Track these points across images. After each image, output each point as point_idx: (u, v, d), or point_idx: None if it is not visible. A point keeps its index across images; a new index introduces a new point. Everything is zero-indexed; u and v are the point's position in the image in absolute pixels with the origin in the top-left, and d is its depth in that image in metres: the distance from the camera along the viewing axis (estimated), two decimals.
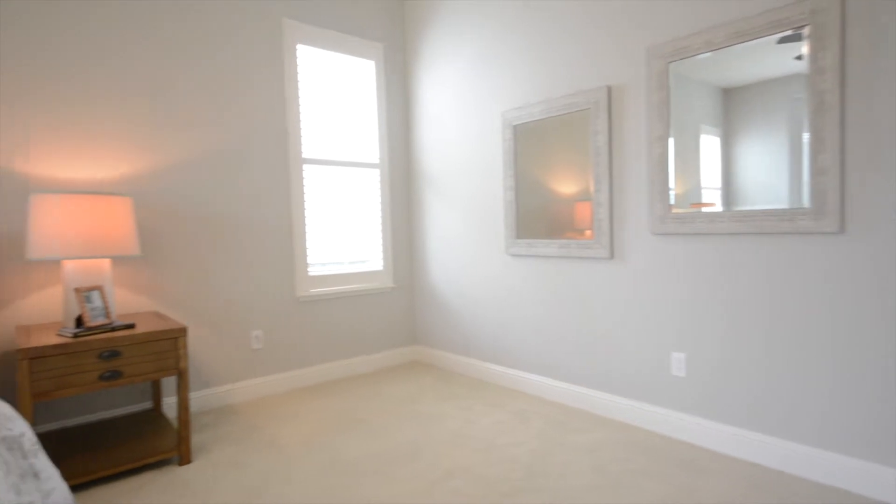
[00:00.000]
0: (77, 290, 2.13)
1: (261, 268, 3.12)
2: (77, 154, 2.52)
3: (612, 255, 2.59)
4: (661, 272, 2.40)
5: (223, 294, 2.98)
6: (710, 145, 2.21)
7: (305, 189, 3.32)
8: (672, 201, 2.33)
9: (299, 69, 3.28)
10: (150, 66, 2.71)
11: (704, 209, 2.23)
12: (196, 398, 2.87)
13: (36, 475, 1.27)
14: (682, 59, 2.25)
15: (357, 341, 3.57)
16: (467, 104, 3.34)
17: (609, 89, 2.55)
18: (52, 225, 2.12)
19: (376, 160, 3.69)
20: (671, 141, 2.32)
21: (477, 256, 3.35)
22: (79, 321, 2.13)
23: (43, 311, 2.44)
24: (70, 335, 2.04)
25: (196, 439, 2.48)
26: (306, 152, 3.33)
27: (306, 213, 3.33)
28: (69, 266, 2.22)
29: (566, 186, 2.77)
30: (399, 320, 3.81)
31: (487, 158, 3.23)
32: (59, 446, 2.26)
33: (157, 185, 2.75)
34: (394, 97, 3.77)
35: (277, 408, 2.91)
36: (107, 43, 2.58)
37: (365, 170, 3.63)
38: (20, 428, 1.33)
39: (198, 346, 2.90)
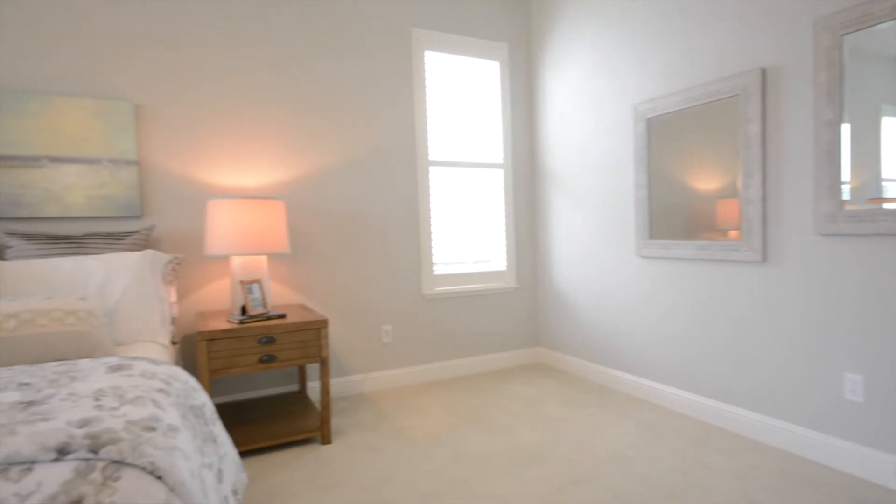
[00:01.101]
0: (242, 283, 2.45)
1: (391, 266, 3.31)
2: (241, 164, 2.88)
3: (764, 259, 2.31)
4: (830, 279, 2.08)
5: (358, 289, 3.21)
6: (893, 130, 1.87)
7: (431, 190, 3.45)
8: (845, 196, 2.01)
9: (426, 75, 3.42)
10: (294, 83, 3.01)
11: (886, 205, 1.89)
12: (334, 384, 3.13)
13: (214, 440, 1.48)
14: (858, 30, 1.93)
15: (480, 340, 3.62)
16: (595, 99, 3.21)
17: (763, 72, 2.27)
18: (222, 225, 2.46)
19: (500, 160, 3.71)
20: (845, 126, 2.00)
21: (604, 258, 3.20)
22: (243, 310, 2.44)
23: (216, 299, 2.84)
24: (237, 321, 2.35)
25: (334, 422, 2.71)
26: (433, 155, 3.46)
27: (432, 213, 3.46)
28: (236, 261, 2.55)
29: (706, 182, 2.53)
30: (521, 321, 3.79)
31: (616, 155, 3.07)
32: (226, 417, 2.61)
33: (304, 189, 3.05)
34: (518, 96, 3.76)
35: (406, 400, 3.06)
36: (261, 71, 2.93)
37: (489, 170, 3.66)
38: (203, 398, 1.56)
39: (336, 337, 3.16)
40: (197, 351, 2.42)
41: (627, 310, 3.05)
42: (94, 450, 1.02)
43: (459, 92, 3.56)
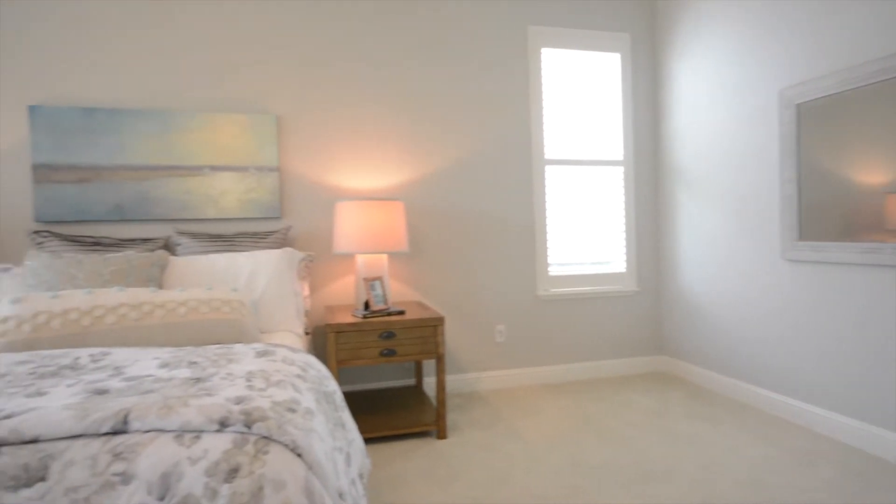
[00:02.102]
0: (365, 280, 2.60)
1: (505, 265, 3.30)
2: (365, 167, 3.07)
3: None
4: None
5: (473, 288, 3.25)
6: None
7: (547, 189, 3.38)
8: None
9: (542, 72, 3.36)
10: (412, 88, 3.13)
11: None
12: (449, 381, 3.21)
13: (343, 425, 1.59)
14: None
15: (597, 345, 3.47)
16: (731, 87, 2.91)
17: None
18: (348, 226, 2.64)
19: (620, 157, 3.52)
20: None
21: (741, 261, 2.90)
22: (366, 305, 2.59)
23: (342, 294, 3.05)
24: (361, 316, 2.50)
25: (449, 418, 2.77)
26: (548, 153, 3.39)
27: (547, 212, 3.39)
28: (360, 259, 2.72)
29: (871, 175, 2.17)
30: (643, 326, 3.56)
31: (757, 147, 2.76)
32: (349, 405, 2.79)
33: (421, 189, 3.16)
34: (640, 89, 3.54)
35: (520, 401, 3.03)
36: (382, 79, 3.09)
37: (607, 168, 3.50)
38: (333, 386, 1.69)
39: (451, 335, 3.23)
40: (326, 342, 2.63)
41: (770, 319, 2.72)
42: (248, 425, 1.14)
43: (576, 88, 3.45)
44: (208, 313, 1.99)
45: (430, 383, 3.17)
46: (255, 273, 2.45)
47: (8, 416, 1.07)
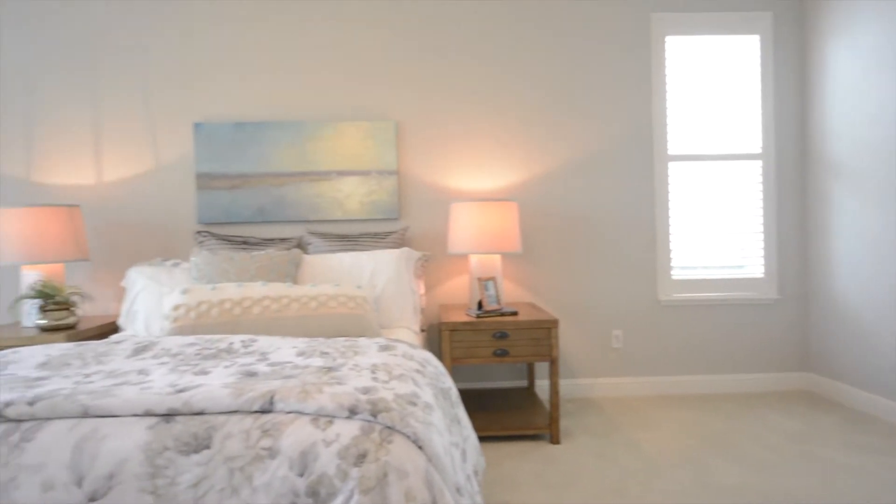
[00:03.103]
0: (479, 280, 2.64)
1: (622, 267, 3.15)
2: (479, 169, 3.11)
3: None
4: None
5: (588, 291, 3.14)
6: None
7: (671, 188, 3.16)
8: None
9: (666, 62, 3.14)
10: (525, 88, 3.10)
11: None
12: (562, 385, 3.13)
13: (458, 422, 1.63)
14: None
15: (728, 357, 3.17)
16: None
17: None
18: (463, 226, 2.69)
19: (757, 149, 3.17)
20: None
21: None
22: (479, 305, 2.63)
23: (456, 294, 3.12)
24: (474, 315, 2.54)
25: (562, 423, 2.70)
26: (672, 148, 3.16)
27: (671, 212, 3.16)
28: (474, 259, 2.76)
29: None
30: (784, 339, 3.18)
31: None
32: (462, 403, 2.85)
33: (535, 190, 3.12)
34: (783, 72, 3.16)
35: (638, 411, 2.87)
36: (494, 79, 3.09)
37: (741, 162, 3.17)
38: (449, 383, 1.74)
39: (565, 338, 3.15)
40: (440, 339, 2.71)
41: None
42: (374, 414, 1.22)
43: (704, 76, 3.17)
44: (336, 308, 2.16)
45: (542, 386, 3.12)
46: (376, 271, 2.60)
47: (182, 390, 1.25)
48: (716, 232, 3.18)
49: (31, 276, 2.47)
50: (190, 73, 2.99)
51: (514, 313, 2.58)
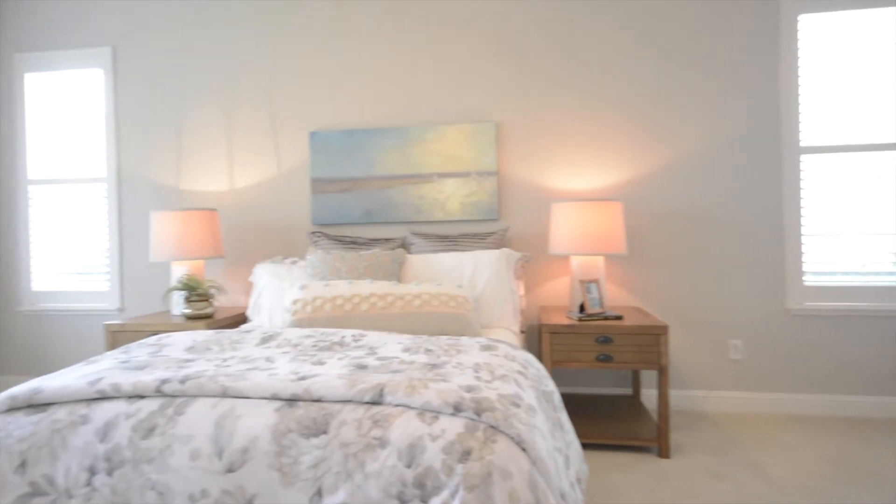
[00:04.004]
0: (581, 282, 2.56)
1: (742, 272, 2.88)
2: (582, 168, 3.02)
3: None
4: None
5: (701, 297, 2.92)
6: None
7: (803, 183, 2.82)
8: None
9: (799, 44, 2.81)
10: (629, 80, 2.94)
11: None
12: (671, 396, 2.94)
13: (561, 427, 1.60)
14: None
15: (874, 375, 2.77)
16: None
17: None
18: (564, 227, 2.63)
19: None
20: None
21: None
22: (581, 307, 2.55)
23: (556, 295, 3.06)
24: (576, 318, 2.47)
25: (672, 437, 2.54)
26: (805, 139, 2.83)
27: (803, 210, 2.83)
28: (575, 261, 2.69)
29: None
30: None
31: None
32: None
33: (641, 189, 2.96)
34: None
35: (759, 430, 2.61)
36: (597, 74, 2.98)
37: (891, 153, 2.75)
38: (551, 386, 1.71)
39: (675, 345, 2.95)
40: (539, 341, 2.67)
41: None
42: (478, 413, 1.24)
43: (844, 58, 2.79)
44: (438, 306, 2.22)
45: (648, 395, 2.95)
46: (477, 271, 2.63)
47: (303, 378, 1.36)
48: (860, 233, 2.79)
49: (179, 270, 2.84)
50: (307, 88, 3.24)
51: (619, 317, 2.47)
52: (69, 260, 3.47)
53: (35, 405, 1.34)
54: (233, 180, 3.31)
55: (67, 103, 3.46)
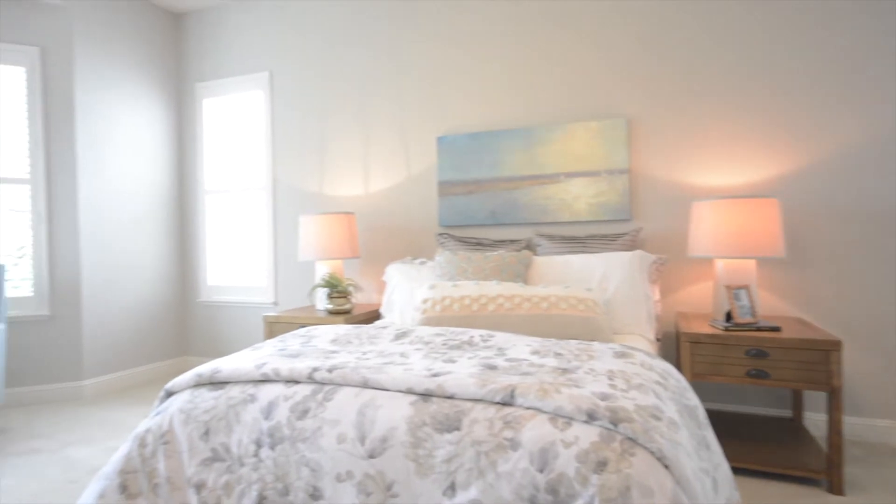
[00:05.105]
0: (727, 287, 2.31)
1: None
2: (727, 163, 2.73)
3: None
4: None
5: (881, 308, 2.47)
6: None
7: None
8: None
9: None
10: (791, 61, 2.58)
11: None
12: (844, 423, 2.52)
13: (708, 446, 1.46)
14: None
15: None
16: None
17: None
18: (707, 227, 2.39)
19: None
20: None
21: None
22: (728, 316, 2.30)
23: (696, 301, 2.80)
24: (721, 327, 2.24)
25: (847, 471, 2.18)
26: None
27: None
28: (720, 264, 2.44)
29: None
30: None
31: None
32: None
33: (802, 184, 2.59)
34: None
35: None
36: (766, 51, 2.65)
37: None
38: (695, 400, 1.57)
39: (847, 364, 2.54)
40: (678, 351, 2.47)
41: None
42: (614, 423, 1.18)
43: None
44: (566, 309, 2.16)
45: (813, 420, 2.57)
46: (607, 274, 2.51)
47: (436, 375, 1.41)
48: None
49: (322, 269, 3.12)
50: (433, 96, 3.36)
51: (776, 329, 2.18)
52: (236, 258, 4.01)
53: (215, 383, 1.56)
54: (367, 185, 3.56)
55: (235, 123, 4.00)
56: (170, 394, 1.62)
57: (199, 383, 1.56)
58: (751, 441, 2.31)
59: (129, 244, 3.75)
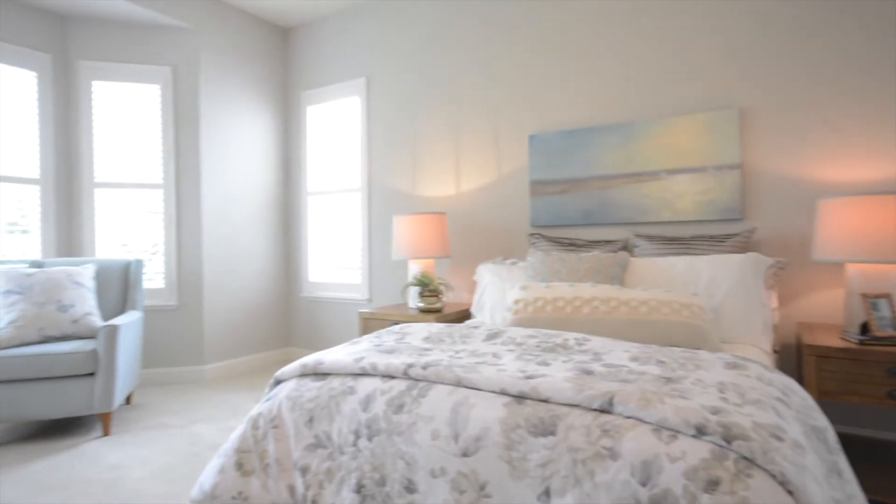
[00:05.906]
0: (863, 296, 2.04)
1: None
2: (861, 153, 2.40)
3: None
4: None
5: None
6: None
7: None
8: None
9: None
10: None
11: None
12: None
13: (839, 473, 1.29)
14: None
15: None
16: None
17: None
18: (836, 228, 2.13)
19: None
20: None
21: None
22: (864, 328, 2.03)
23: (822, 311, 2.51)
24: (855, 341, 1.98)
25: None
26: None
27: None
28: (852, 270, 2.16)
29: None
30: None
31: None
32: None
33: None
34: None
35: None
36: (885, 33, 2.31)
37: None
38: (824, 422, 1.39)
39: None
40: (800, 366, 2.22)
41: None
42: (727, 439, 1.08)
43: None
44: (668, 314, 2.02)
45: None
46: (715, 278, 2.32)
47: (530, 377, 1.39)
48: None
49: (415, 268, 3.20)
50: (524, 94, 3.31)
51: None
52: (334, 256, 4.24)
53: (318, 374, 1.66)
54: (459, 185, 3.59)
55: (334, 128, 4.23)
56: (278, 381, 1.75)
57: (304, 373, 1.67)
58: (891, 471, 2.01)
59: (242, 242, 4.11)
